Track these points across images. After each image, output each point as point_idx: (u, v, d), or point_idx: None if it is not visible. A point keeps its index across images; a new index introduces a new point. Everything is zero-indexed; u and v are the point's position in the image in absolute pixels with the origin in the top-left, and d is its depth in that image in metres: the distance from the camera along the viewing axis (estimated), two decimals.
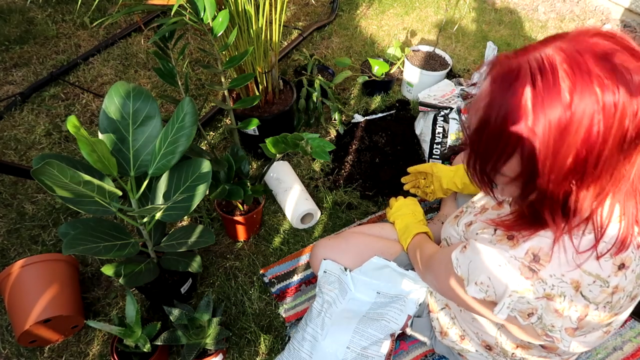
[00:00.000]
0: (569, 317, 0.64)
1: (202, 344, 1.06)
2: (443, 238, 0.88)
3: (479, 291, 0.65)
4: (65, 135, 1.66)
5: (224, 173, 1.19)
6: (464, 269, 0.67)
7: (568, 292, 0.61)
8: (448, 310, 0.98)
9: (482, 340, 0.89)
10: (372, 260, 1.06)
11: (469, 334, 0.93)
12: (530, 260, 0.61)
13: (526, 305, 0.62)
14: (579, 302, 0.62)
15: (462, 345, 0.96)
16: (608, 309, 0.65)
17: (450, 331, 0.97)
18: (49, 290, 1.10)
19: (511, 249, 0.62)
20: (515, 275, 0.61)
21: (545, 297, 0.61)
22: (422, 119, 1.69)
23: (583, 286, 0.61)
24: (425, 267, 0.90)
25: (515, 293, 0.61)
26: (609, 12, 2.45)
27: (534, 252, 0.61)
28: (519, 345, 0.81)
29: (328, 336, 1.04)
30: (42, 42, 2.06)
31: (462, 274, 0.68)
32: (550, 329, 0.65)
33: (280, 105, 1.58)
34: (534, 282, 0.60)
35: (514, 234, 0.63)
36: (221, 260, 1.34)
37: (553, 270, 0.60)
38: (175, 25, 1.05)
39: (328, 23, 2.28)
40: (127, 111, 0.90)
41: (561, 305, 0.62)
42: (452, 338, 0.97)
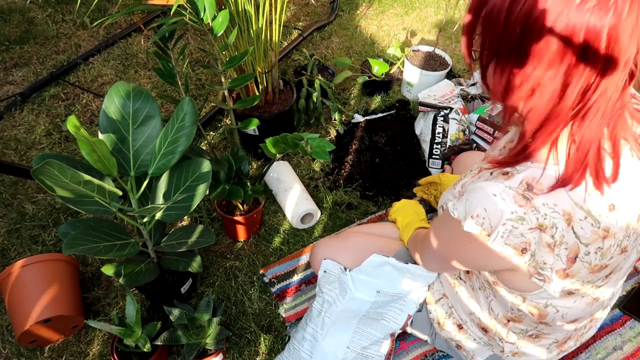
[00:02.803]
0: (560, 255, 0.64)
1: (202, 343, 1.06)
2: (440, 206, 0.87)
3: (475, 224, 0.65)
4: (65, 135, 1.66)
5: (224, 173, 1.19)
6: (461, 209, 0.67)
7: (560, 225, 0.62)
8: (445, 300, 0.99)
9: (478, 321, 0.90)
10: (371, 258, 1.06)
11: (466, 320, 0.94)
12: (524, 189, 0.62)
13: (520, 239, 0.63)
14: (570, 239, 0.63)
15: (460, 335, 0.97)
16: (599, 256, 0.66)
17: (447, 322, 0.98)
18: (49, 290, 1.10)
19: (506, 181, 0.63)
20: (510, 203, 0.62)
21: (538, 227, 0.62)
22: (422, 119, 1.69)
23: (575, 220, 0.62)
24: (422, 244, 0.90)
25: (509, 221, 0.62)
26: None
27: (527, 182, 0.62)
28: (510, 319, 0.82)
29: (328, 336, 1.04)
30: (42, 42, 2.06)
31: (459, 215, 0.68)
32: (542, 266, 0.65)
33: (280, 105, 1.58)
34: (527, 210, 0.61)
35: (509, 170, 0.65)
36: (221, 260, 1.34)
37: (546, 199, 0.61)
38: (175, 25, 1.05)
39: (328, 23, 2.28)
40: (127, 111, 0.90)
41: (553, 239, 0.63)
42: (449, 329, 0.98)
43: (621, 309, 1.26)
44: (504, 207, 0.62)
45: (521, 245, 0.63)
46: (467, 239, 0.68)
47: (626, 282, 1.32)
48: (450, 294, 0.97)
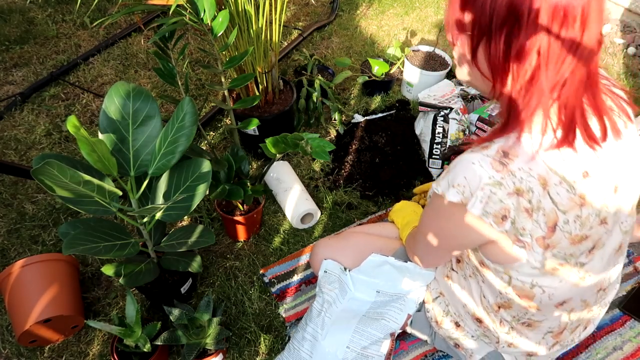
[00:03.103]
0: (538, 222, 0.67)
1: (202, 343, 1.06)
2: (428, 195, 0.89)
3: (457, 194, 0.68)
4: (65, 135, 1.66)
5: (224, 173, 1.19)
6: (444, 184, 0.71)
7: (536, 189, 0.65)
8: (442, 298, 0.99)
9: (472, 313, 0.91)
10: (370, 258, 1.06)
11: (461, 315, 0.95)
12: (500, 156, 0.66)
13: (499, 205, 0.66)
14: (547, 205, 0.66)
15: (457, 333, 0.97)
16: (579, 225, 0.69)
17: (445, 320, 0.99)
18: (49, 290, 1.10)
19: (484, 150, 0.68)
20: (487, 169, 0.65)
21: (515, 192, 0.65)
22: (422, 119, 1.69)
23: (550, 185, 0.66)
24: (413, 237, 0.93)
25: (487, 186, 0.65)
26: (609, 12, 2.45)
27: (503, 149, 0.66)
28: (500, 306, 0.84)
29: (328, 336, 1.04)
30: (42, 42, 2.06)
31: (442, 190, 0.71)
32: (521, 233, 0.68)
33: (280, 105, 1.58)
34: (504, 175, 0.65)
35: (487, 144, 0.69)
36: (221, 260, 1.35)
37: (521, 164, 0.65)
38: (175, 25, 1.05)
39: (328, 23, 2.28)
40: (127, 111, 0.90)
41: (530, 205, 0.66)
42: (446, 327, 0.99)
43: (621, 309, 1.26)
44: (482, 172, 0.65)
45: (501, 212, 0.66)
46: (451, 212, 0.71)
47: (626, 282, 1.32)
48: (445, 288, 0.98)
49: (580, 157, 0.67)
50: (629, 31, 2.30)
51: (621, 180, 0.72)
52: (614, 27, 2.35)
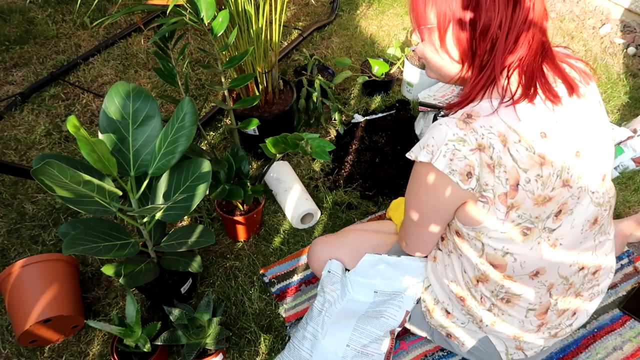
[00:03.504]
0: (500, 178, 0.72)
1: (202, 343, 1.06)
2: None
3: (426, 153, 0.74)
4: (65, 135, 1.66)
5: (224, 173, 1.19)
6: (416, 149, 0.77)
7: (496, 146, 0.71)
8: (431, 287, 1.01)
9: (456, 292, 0.93)
10: (365, 258, 1.06)
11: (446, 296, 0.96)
12: (465, 117, 0.73)
13: (463, 162, 0.71)
14: (508, 161, 0.71)
15: (448, 321, 0.98)
16: (540, 185, 0.73)
17: (435, 308, 1.00)
18: (49, 290, 1.10)
19: (451, 114, 0.76)
20: (452, 127, 0.72)
21: (477, 148, 0.71)
22: (422, 119, 1.69)
23: (509, 142, 0.71)
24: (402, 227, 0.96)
25: (450, 142, 0.71)
26: (608, 12, 2.45)
27: (467, 112, 0.73)
28: (478, 280, 0.86)
29: (328, 335, 1.04)
30: (42, 42, 2.06)
31: (415, 153, 0.77)
32: (484, 188, 0.73)
33: (280, 105, 1.58)
34: (467, 132, 0.71)
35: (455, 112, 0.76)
36: (221, 260, 1.35)
37: (482, 122, 0.71)
38: (175, 25, 1.05)
39: (328, 23, 2.28)
40: (127, 111, 0.90)
41: (492, 160, 0.71)
42: (437, 316, 1.00)
43: (621, 309, 1.26)
44: (447, 130, 0.72)
45: (466, 169, 0.72)
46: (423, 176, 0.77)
47: (626, 282, 1.32)
48: (432, 272, 1.00)
49: (538, 117, 0.73)
50: (629, 31, 2.30)
51: (583, 145, 0.76)
52: (614, 27, 2.35)
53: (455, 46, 0.72)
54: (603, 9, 2.48)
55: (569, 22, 2.44)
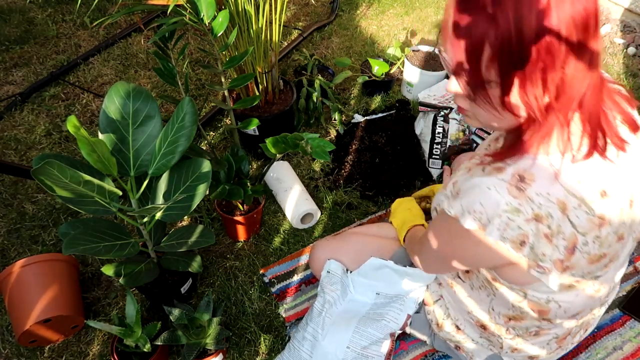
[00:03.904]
0: (558, 246, 0.65)
1: (202, 343, 1.06)
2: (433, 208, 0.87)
3: (474, 220, 0.66)
4: (65, 135, 1.66)
5: (224, 173, 1.19)
6: (457, 207, 0.68)
7: (555, 214, 0.63)
8: (442, 301, 0.99)
9: (477, 319, 0.89)
10: (370, 261, 1.06)
11: (463, 319, 0.94)
12: (517, 181, 0.63)
13: (517, 231, 0.64)
14: (567, 228, 0.64)
15: (458, 336, 0.96)
16: (597, 245, 0.67)
17: (445, 322, 0.98)
18: (49, 290, 1.10)
19: (498, 174, 0.65)
20: (504, 195, 0.63)
21: (534, 218, 0.63)
22: (422, 119, 1.69)
23: (569, 209, 0.63)
24: (420, 245, 0.89)
25: (504, 213, 0.63)
26: (608, 12, 2.45)
27: (519, 174, 0.64)
28: (511, 318, 0.82)
29: (328, 336, 1.04)
30: (42, 42, 2.06)
31: (456, 213, 0.68)
32: (541, 258, 0.66)
33: (280, 105, 1.58)
34: (521, 201, 0.63)
35: (500, 165, 0.66)
36: (221, 260, 1.35)
37: (539, 189, 0.63)
38: (175, 25, 1.05)
39: (328, 23, 2.28)
40: (127, 111, 0.90)
41: (550, 230, 0.64)
42: (447, 329, 0.98)
43: (621, 309, 1.26)
44: (498, 198, 0.63)
45: (519, 238, 0.64)
46: (466, 236, 0.69)
47: (626, 282, 1.32)
48: (447, 294, 0.97)
49: (599, 173, 0.65)
50: (629, 31, 2.30)
51: (636, 193, 0.70)
52: (614, 27, 2.35)
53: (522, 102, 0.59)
54: (603, 9, 2.48)
55: None
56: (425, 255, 0.87)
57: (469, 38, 0.57)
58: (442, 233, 0.78)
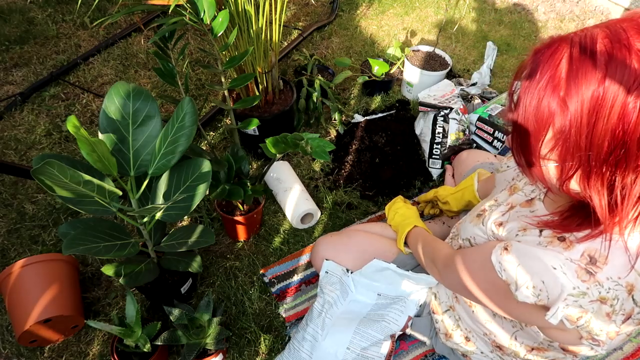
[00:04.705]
0: (615, 321, 0.61)
1: (202, 343, 1.06)
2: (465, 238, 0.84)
3: (531, 295, 0.61)
4: (65, 135, 1.66)
5: (224, 173, 1.19)
6: (511, 273, 0.63)
7: (621, 296, 0.59)
8: (452, 312, 0.97)
9: (493, 341, 0.87)
10: (372, 263, 1.06)
11: (477, 335, 0.92)
12: (586, 263, 0.58)
13: (578, 309, 0.59)
14: (628, 306, 0.60)
15: (467, 347, 0.95)
16: None
17: (454, 333, 0.97)
18: (49, 290, 1.10)
19: (565, 251, 0.59)
20: (572, 278, 0.58)
21: (599, 300, 0.58)
22: (422, 119, 1.69)
23: (636, 290, 0.59)
24: (446, 266, 0.85)
25: (570, 297, 0.58)
26: (608, 12, 2.45)
27: (590, 254, 0.58)
28: (534, 348, 0.79)
29: (328, 336, 1.04)
30: (42, 42, 2.06)
31: (508, 279, 0.63)
32: (597, 333, 0.62)
33: (280, 105, 1.58)
34: (590, 285, 0.58)
35: (565, 236, 0.61)
36: (221, 260, 1.34)
37: (610, 273, 0.58)
38: (175, 25, 1.05)
39: (328, 23, 2.28)
40: (127, 111, 0.90)
41: (612, 309, 0.59)
42: (457, 340, 0.97)
43: None
44: (565, 282, 0.58)
45: (578, 314, 0.60)
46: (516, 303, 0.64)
47: None
48: (463, 309, 0.93)
49: None
50: None
51: None
52: None
53: (579, 185, 0.55)
54: (603, 9, 2.48)
55: (569, 22, 2.44)
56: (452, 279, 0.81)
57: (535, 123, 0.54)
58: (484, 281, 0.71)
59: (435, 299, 1.03)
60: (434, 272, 0.92)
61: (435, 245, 0.96)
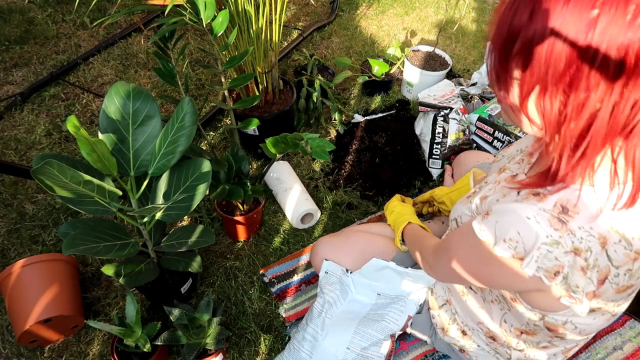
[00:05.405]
0: (591, 279, 0.63)
1: (202, 343, 1.06)
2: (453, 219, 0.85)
3: (508, 248, 0.63)
4: (65, 135, 1.66)
5: (224, 173, 1.19)
6: (489, 231, 0.65)
7: (595, 249, 0.60)
8: (449, 306, 0.98)
9: (487, 330, 0.88)
10: (371, 262, 1.06)
11: (472, 328, 0.93)
12: (559, 212, 0.60)
13: (553, 262, 0.61)
14: (603, 262, 0.62)
15: (464, 341, 0.96)
16: (627, 277, 0.65)
17: (451, 327, 0.98)
18: (49, 290, 1.10)
19: (539, 203, 0.61)
20: (545, 227, 0.60)
21: (573, 251, 0.60)
22: (422, 119, 1.69)
23: (609, 244, 0.61)
24: (435, 255, 0.86)
25: (544, 245, 0.60)
26: None
27: (562, 204, 0.61)
28: (523, 332, 0.81)
29: (328, 336, 1.04)
30: (42, 42, 2.06)
31: (487, 239, 0.65)
32: (574, 290, 0.64)
33: (280, 105, 1.58)
34: (563, 233, 0.59)
35: (539, 191, 0.63)
36: (221, 260, 1.35)
37: (582, 222, 0.60)
38: (175, 25, 1.05)
39: (328, 23, 2.28)
40: (127, 111, 0.90)
41: (586, 263, 0.61)
42: (453, 334, 0.97)
43: None
44: (538, 230, 0.60)
45: (554, 268, 0.62)
46: (496, 263, 0.66)
47: None
48: (457, 301, 0.95)
49: None
50: None
51: None
52: None
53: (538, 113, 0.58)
54: None
55: None
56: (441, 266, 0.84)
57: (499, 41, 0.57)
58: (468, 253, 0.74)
59: (432, 294, 1.03)
60: (426, 268, 0.93)
61: (424, 241, 0.97)
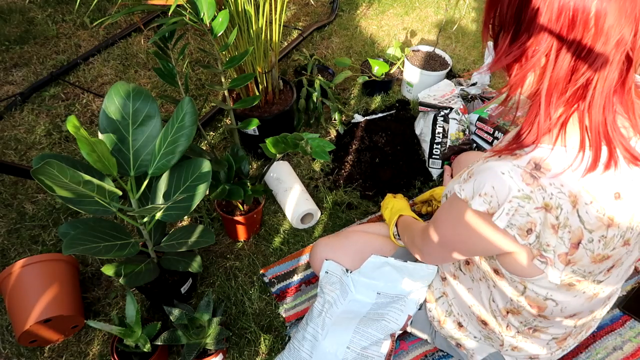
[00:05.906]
0: (563, 239, 0.65)
1: (202, 343, 1.06)
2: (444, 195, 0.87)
3: (483, 203, 0.65)
4: (65, 135, 1.66)
5: (224, 173, 1.19)
6: (468, 189, 0.68)
7: (565, 206, 0.63)
8: (445, 298, 0.99)
9: (478, 314, 0.90)
10: (370, 259, 1.06)
11: (465, 315, 0.94)
12: (531, 168, 0.63)
13: (525, 218, 0.64)
14: (574, 222, 0.64)
15: (460, 334, 0.97)
16: (602, 245, 0.67)
17: (447, 320, 0.99)
18: (49, 290, 1.10)
19: (514, 160, 0.65)
20: (517, 181, 0.63)
21: (543, 207, 0.63)
22: (422, 119, 1.69)
23: (580, 204, 0.63)
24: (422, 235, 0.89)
25: (515, 199, 0.63)
26: None
27: (535, 161, 0.64)
28: (509, 311, 0.83)
29: (328, 336, 1.04)
30: (42, 42, 2.06)
31: (466, 195, 0.68)
32: (545, 248, 0.66)
33: (280, 105, 1.58)
34: (534, 188, 0.62)
35: (517, 152, 0.66)
36: (221, 260, 1.35)
37: (553, 179, 0.63)
38: (175, 25, 1.05)
39: (328, 23, 2.28)
40: (127, 111, 0.90)
41: (557, 221, 0.64)
42: (449, 327, 0.98)
43: (621, 309, 1.26)
44: (511, 184, 0.63)
45: (527, 225, 0.64)
46: (473, 220, 0.69)
47: (626, 282, 1.32)
48: (450, 287, 0.97)
49: (616, 176, 0.64)
50: None
51: None
52: None
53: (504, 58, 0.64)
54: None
55: None
56: (428, 243, 0.86)
57: None
58: (448, 218, 0.77)
59: (429, 289, 1.04)
60: (415, 252, 0.95)
61: (414, 226, 1.00)
